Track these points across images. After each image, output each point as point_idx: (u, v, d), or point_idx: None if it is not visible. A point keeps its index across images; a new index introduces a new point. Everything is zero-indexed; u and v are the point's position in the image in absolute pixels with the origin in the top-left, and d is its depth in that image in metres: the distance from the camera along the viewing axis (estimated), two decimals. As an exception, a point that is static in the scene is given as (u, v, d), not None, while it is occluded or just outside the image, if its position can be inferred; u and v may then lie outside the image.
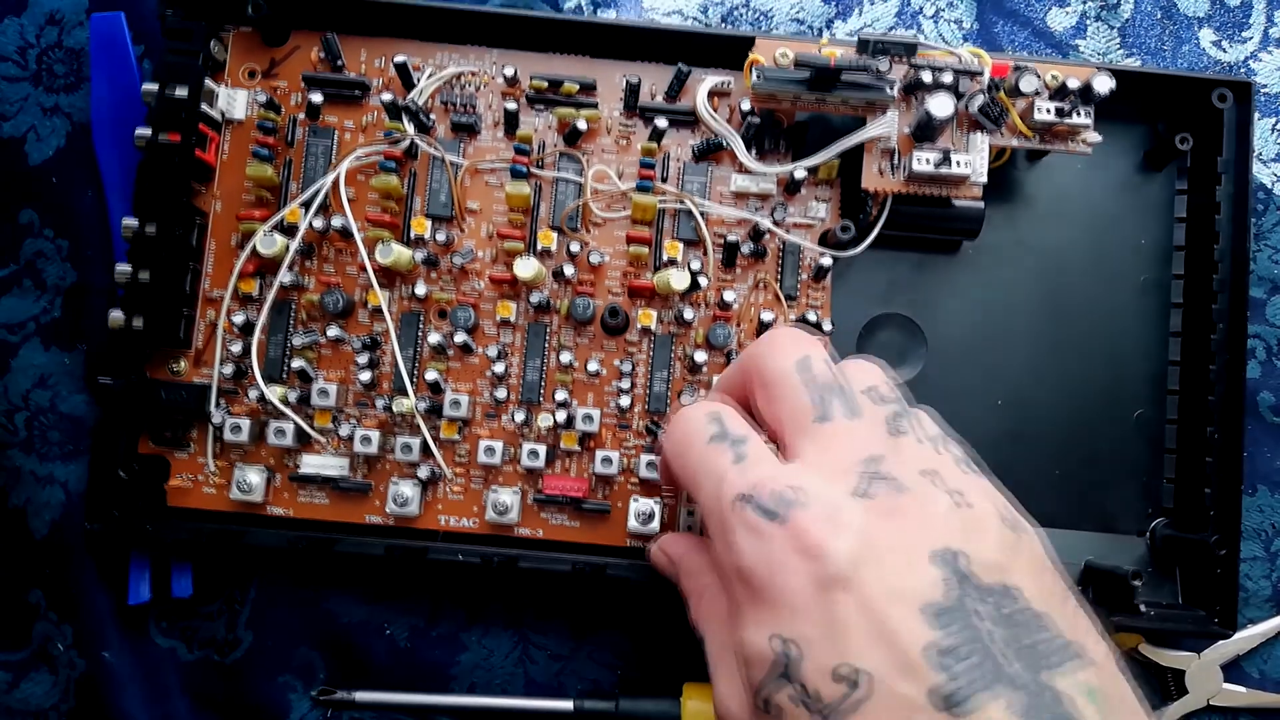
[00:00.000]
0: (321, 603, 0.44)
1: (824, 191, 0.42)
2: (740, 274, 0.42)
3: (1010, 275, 0.44)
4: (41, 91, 0.44)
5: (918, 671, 0.23)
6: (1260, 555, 0.45)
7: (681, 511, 0.40)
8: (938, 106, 0.38)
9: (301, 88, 0.42)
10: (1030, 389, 0.43)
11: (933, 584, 0.24)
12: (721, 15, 0.46)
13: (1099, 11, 0.47)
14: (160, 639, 0.44)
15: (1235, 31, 0.46)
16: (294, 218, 0.39)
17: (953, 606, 0.24)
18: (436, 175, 0.42)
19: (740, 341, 0.41)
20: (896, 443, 0.28)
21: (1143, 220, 0.44)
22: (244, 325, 0.40)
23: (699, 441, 0.30)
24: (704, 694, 0.40)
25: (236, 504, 0.41)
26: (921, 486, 0.27)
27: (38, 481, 0.44)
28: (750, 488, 0.27)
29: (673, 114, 0.42)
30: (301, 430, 0.40)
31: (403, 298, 0.42)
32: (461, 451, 0.41)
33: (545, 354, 0.41)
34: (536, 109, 0.42)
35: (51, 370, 0.44)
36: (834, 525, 0.25)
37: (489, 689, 0.44)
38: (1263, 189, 0.45)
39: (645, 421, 0.41)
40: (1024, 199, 0.44)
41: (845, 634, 0.24)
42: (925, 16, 0.46)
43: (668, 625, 0.44)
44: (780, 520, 0.26)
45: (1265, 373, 0.45)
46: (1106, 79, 0.38)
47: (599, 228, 0.42)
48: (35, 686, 0.44)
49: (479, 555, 0.40)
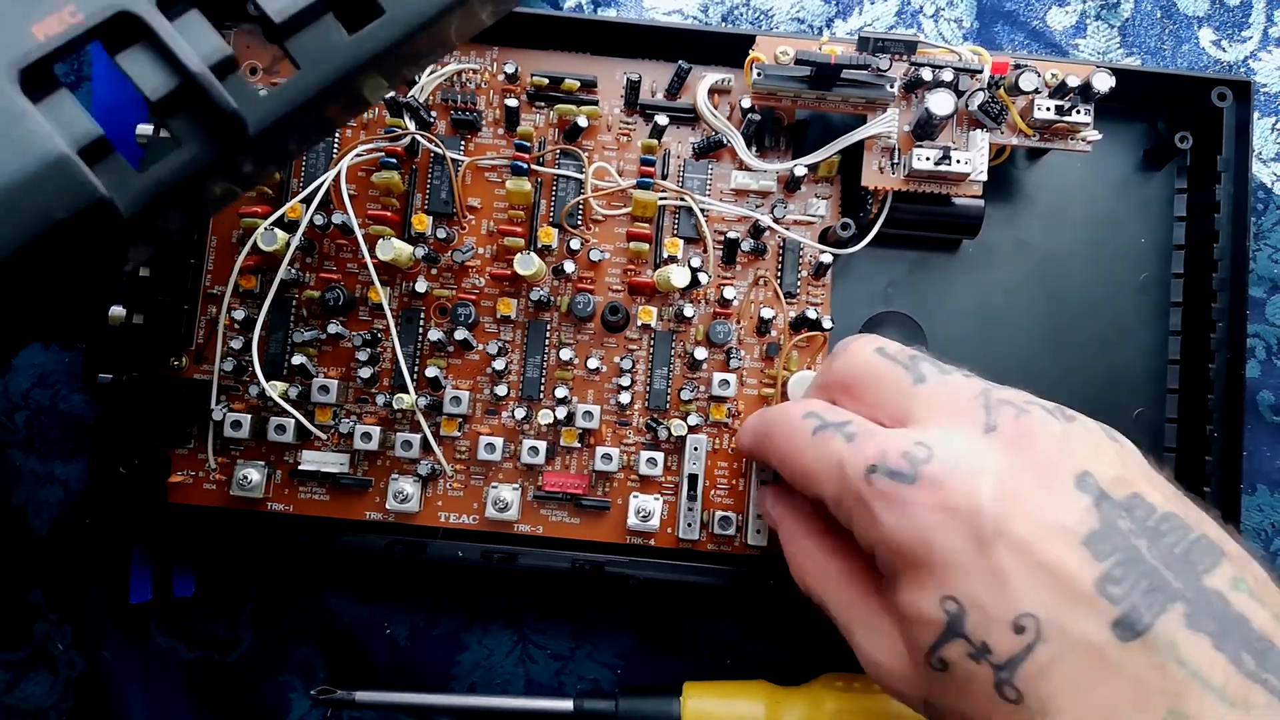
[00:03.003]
0: (321, 602, 0.44)
1: (824, 189, 0.42)
2: (740, 271, 0.42)
3: (1010, 274, 0.44)
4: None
5: (1094, 606, 0.23)
6: (1260, 555, 0.44)
7: (682, 510, 0.40)
8: (938, 104, 0.38)
9: (303, 85, 0.42)
10: (1030, 387, 0.42)
11: (1084, 512, 0.25)
12: (722, 14, 0.46)
13: (1099, 10, 0.47)
14: (160, 638, 0.44)
15: (1235, 31, 0.47)
16: (295, 214, 0.40)
17: (1105, 530, 0.24)
18: (437, 172, 0.42)
19: (740, 338, 0.41)
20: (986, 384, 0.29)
21: (1142, 219, 0.44)
22: (244, 321, 0.40)
23: (805, 436, 0.30)
24: (704, 693, 0.40)
25: (237, 500, 0.41)
26: (1033, 406, 0.27)
27: (38, 480, 0.44)
28: (876, 457, 0.27)
29: (673, 111, 0.42)
30: (302, 426, 0.40)
31: (403, 294, 0.42)
32: (461, 448, 0.41)
33: (545, 350, 0.41)
34: (537, 106, 0.42)
35: (51, 369, 0.44)
36: (971, 473, 0.25)
37: (489, 689, 0.44)
38: (1262, 188, 0.46)
39: (645, 418, 0.41)
40: (1024, 197, 0.44)
41: (1011, 582, 0.24)
42: (925, 15, 0.47)
43: (668, 625, 0.44)
44: (914, 481, 0.26)
45: (1265, 372, 0.45)
46: (1106, 77, 0.38)
47: (599, 225, 0.42)
48: (35, 686, 0.44)
49: (479, 552, 0.40)
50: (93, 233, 0.23)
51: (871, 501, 0.27)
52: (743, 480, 0.41)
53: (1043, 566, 0.24)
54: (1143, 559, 0.24)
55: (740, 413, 0.41)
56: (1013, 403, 0.27)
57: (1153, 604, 0.23)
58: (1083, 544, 0.24)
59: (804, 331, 0.41)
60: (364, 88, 0.27)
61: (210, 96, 0.24)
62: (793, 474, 0.31)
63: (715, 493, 0.41)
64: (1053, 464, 0.26)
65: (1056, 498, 0.25)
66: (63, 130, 0.23)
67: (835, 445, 0.29)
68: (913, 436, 0.27)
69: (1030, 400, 0.28)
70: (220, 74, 0.24)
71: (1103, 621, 0.23)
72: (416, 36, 0.27)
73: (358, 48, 0.26)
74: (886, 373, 0.30)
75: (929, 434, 0.27)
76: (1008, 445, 0.26)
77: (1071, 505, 0.25)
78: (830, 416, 0.30)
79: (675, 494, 0.41)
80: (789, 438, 0.31)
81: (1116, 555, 0.24)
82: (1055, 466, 0.26)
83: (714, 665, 0.44)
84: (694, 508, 0.40)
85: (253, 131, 0.25)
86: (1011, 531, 0.25)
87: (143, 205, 0.24)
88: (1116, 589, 0.24)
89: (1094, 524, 0.24)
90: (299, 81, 0.26)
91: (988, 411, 0.27)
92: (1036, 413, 0.27)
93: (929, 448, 0.26)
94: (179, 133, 0.25)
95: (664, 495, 0.41)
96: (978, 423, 0.27)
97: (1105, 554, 0.24)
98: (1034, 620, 0.24)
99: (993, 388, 0.28)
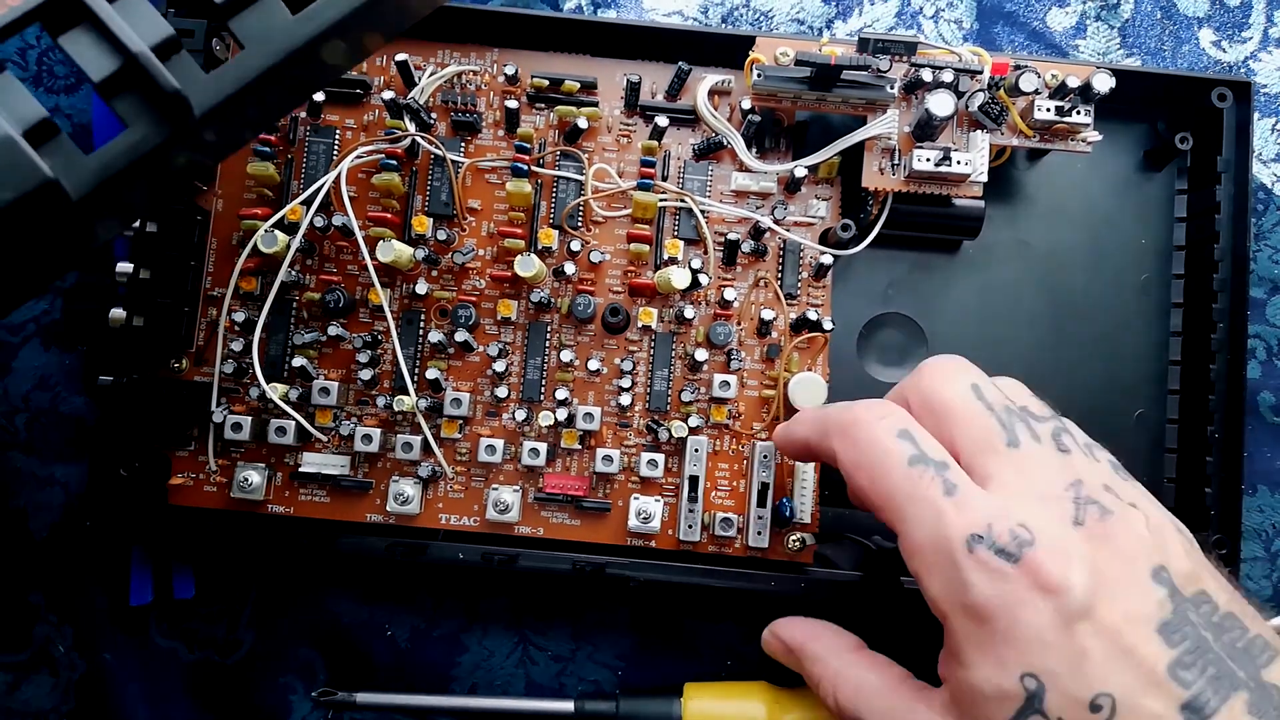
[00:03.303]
0: (322, 604, 0.44)
1: (824, 190, 0.42)
2: (741, 272, 0.42)
3: (1010, 275, 0.44)
4: (42, 92, 0.44)
5: (1164, 688, 0.25)
6: (1260, 555, 0.44)
7: (682, 512, 0.40)
8: (938, 105, 0.38)
9: (303, 87, 0.42)
10: (1030, 388, 0.43)
11: (1159, 603, 0.26)
12: (722, 15, 0.46)
13: (1099, 11, 0.47)
14: (161, 640, 0.44)
15: (1235, 31, 0.47)
16: (295, 216, 0.40)
17: (1177, 621, 0.26)
18: (437, 174, 0.42)
19: (741, 340, 0.41)
20: (1070, 461, 0.29)
21: (1143, 220, 0.44)
22: (245, 323, 0.40)
23: (898, 463, 0.29)
24: (705, 695, 0.40)
25: (237, 502, 0.41)
26: (1118, 507, 0.28)
27: (38, 483, 0.44)
28: (983, 528, 0.27)
29: (673, 113, 0.42)
30: (302, 429, 0.40)
31: (403, 296, 0.42)
32: (462, 450, 0.41)
33: (546, 352, 0.41)
34: (537, 107, 0.42)
35: (52, 371, 0.44)
36: (1067, 560, 0.27)
37: (490, 690, 0.44)
38: (1263, 189, 0.46)
39: (646, 420, 0.41)
40: (1024, 198, 0.44)
41: (1091, 663, 0.26)
42: (925, 16, 0.47)
43: (668, 626, 0.44)
44: (1017, 560, 0.27)
45: (1265, 373, 0.45)
46: (1106, 78, 0.38)
47: (600, 226, 0.42)
48: (36, 688, 0.44)
49: (479, 554, 0.40)
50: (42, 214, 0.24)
51: (967, 570, 0.27)
52: (743, 482, 0.41)
53: (1121, 649, 0.26)
54: (1210, 648, 0.26)
55: (741, 414, 0.41)
56: (1099, 503, 0.28)
57: (1219, 690, 0.25)
58: (1157, 631, 0.26)
59: (804, 333, 0.41)
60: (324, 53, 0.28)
61: (153, 77, 0.24)
62: (868, 489, 0.30)
63: (716, 494, 0.41)
64: (1133, 558, 0.27)
65: (1136, 588, 0.27)
66: (7, 113, 0.23)
67: (934, 493, 0.29)
68: (1018, 515, 0.28)
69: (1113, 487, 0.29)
70: (163, 55, 0.24)
71: (1172, 704, 0.25)
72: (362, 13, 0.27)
73: (302, 26, 0.26)
74: (981, 420, 0.30)
75: (1029, 514, 0.28)
76: (1093, 539, 0.27)
77: (1148, 596, 0.27)
78: (928, 450, 0.30)
79: (676, 496, 0.41)
80: (878, 454, 0.30)
81: (1187, 643, 0.26)
82: (1135, 560, 0.27)
83: (714, 666, 0.44)
84: (695, 509, 0.40)
85: (198, 112, 0.25)
86: (1095, 615, 0.26)
87: (92, 187, 0.24)
88: (1187, 674, 0.25)
89: (1167, 614, 0.26)
90: (244, 61, 0.26)
91: (1076, 507, 0.28)
92: (1119, 513, 0.28)
93: (1031, 532, 0.27)
94: (125, 114, 0.25)
95: (665, 497, 0.41)
96: (1067, 514, 0.28)
97: (1177, 642, 0.26)
98: (1110, 699, 0.25)
99: (1080, 480, 0.29)
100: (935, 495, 0.28)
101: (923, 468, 0.29)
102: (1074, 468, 0.29)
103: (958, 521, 0.28)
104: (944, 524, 0.28)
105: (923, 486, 0.29)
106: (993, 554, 0.27)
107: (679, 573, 0.40)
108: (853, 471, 0.31)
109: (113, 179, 0.25)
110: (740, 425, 0.41)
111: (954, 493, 0.28)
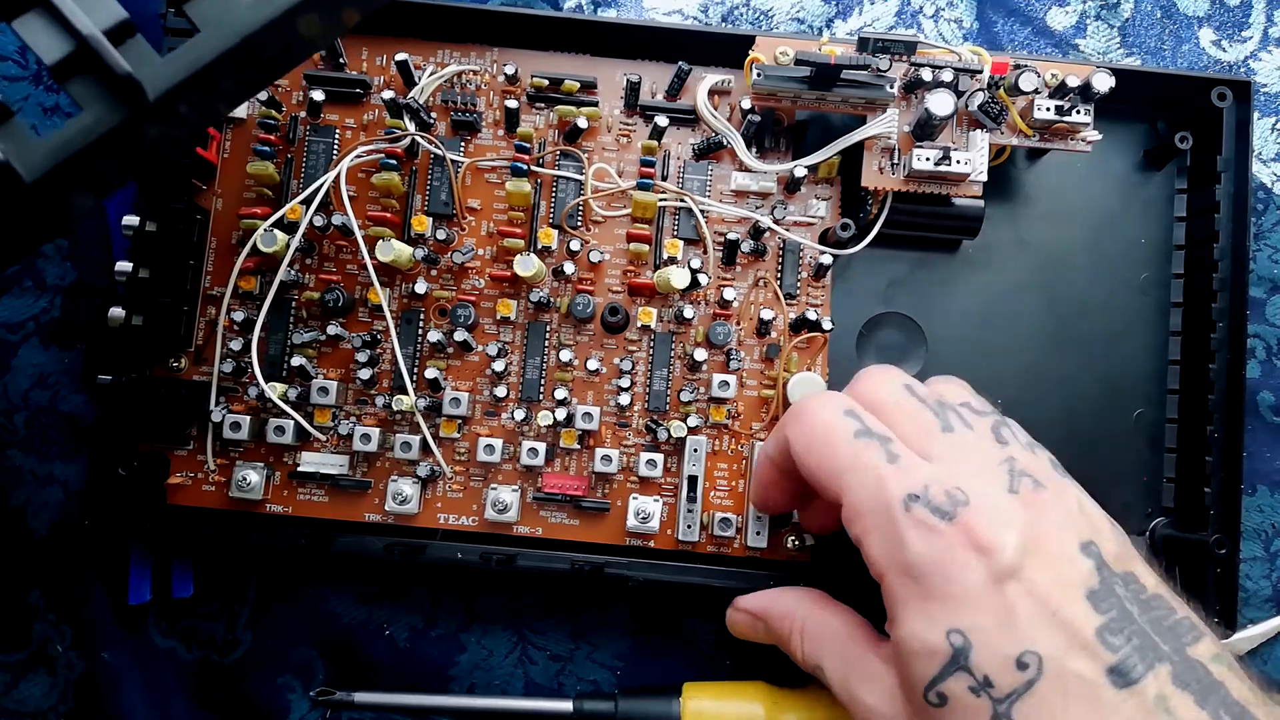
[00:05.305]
0: (321, 603, 0.44)
1: (824, 190, 0.42)
2: (740, 272, 0.42)
3: (1010, 274, 0.44)
4: (41, 91, 0.44)
5: (1091, 650, 0.26)
6: (1260, 555, 0.44)
7: (681, 512, 0.40)
8: (938, 104, 0.38)
9: (303, 86, 0.42)
10: (1030, 388, 0.43)
11: (1088, 573, 0.27)
12: (722, 14, 0.46)
13: (1099, 11, 0.47)
14: (159, 639, 0.44)
15: (1235, 31, 0.47)
16: (295, 215, 0.39)
17: (1104, 591, 0.27)
18: (437, 173, 0.42)
19: (740, 340, 0.41)
20: (1007, 449, 0.30)
21: (1143, 219, 0.44)
22: (244, 323, 0.40)
23: (843, 436, 0.31)
24: (704, 694, 0.40)
25: (236, 501, 0.41)
26: (1051, 482, 0.29)
27: (37, 481, 0.44)
28: (920, 487, 0.28)
29: (673, 112, 0.42)
30: (301, 428, 0.40)
31: (403, 295, 0.42)
32: (461, 449, 0.41)
33: (545, 352, 0.41)
34: (537, 107, 0.42)
35: (51, 370, 0.44)
36: (1000, 521, 0.28)
37: (488, 689, 0.44)
38: (1262, 188, 0.45)
39: (645, 420, 0.41)
40: (1024, 198, 0.44)
41: (1019, 622, 0.26)
42: (925, 16, 0.46)
43: (667, 626, 0.44)
44: (951, 518, 0.28)
45: (1265, 372, 0.45)
46: (1106, 77, 0.38)
47: (599, 225, 0.42)
48: (34, 687, 0.44)
49: (478, 553, 0.40)
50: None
51: (904, 528, 0.28)
52: (742, 482, 0.41)
53: (1049, 610, 0.26)
54: (1136, 621, 0.27)
55: (740, 414, 0.41)
56: (1031, 475, 0.29)
57: (1145, 658, 0.26)
58: (1085, 598, 0.27)
59: (804, 333, 0.41)
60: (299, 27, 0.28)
61: (105, 61, 0.24)
62: (816, 466, 0.31)
63: (715, 494, 0.41)
64: (1063, 528, 0.28)
65: (1065, 555, 0.28)
66: None
67: (875, 460, 0.30)
68: (955, 479, 0.29)
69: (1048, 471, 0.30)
70: (116, 39, 0.24)
71: (1099, 666, 0.26)
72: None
73: (259, 10, 0.26)
74: (916, 412, 0.32)
75: (965, 480, 0.29)
76: (1027, 506, 0.28)
77: (1077, 564, 0.27)
78: (872, 426, 0.31)
79: (675, 495, 0.41)
80: (825, 430, 0.31)
81: (1114, 613, 0.27)
82: (1065, 530, 0.28)
83: (714, 666, 0.44)
84: (693, 509, 0.40)
85: (153, 96, 0.25)
86: (1024, 575, 0.27)
87: (45, 170, 0.24)
88: (1114, 639, 0.26)
89: (1094, 584, 0.27)
90: (199, 45, 0.26)
91: (1011, 477, 0.29)
92: (1052, 487, 0.29)
93: (967, 494, 0.28)
94: (79, 98, 0.25)
95: (663, 497, 0.41)
96: (1002, 483, 0.29)
97: (1104, 610, 0.27)
98: (1036, 658, 0.26)
99: (1014, 456, 0.30)
100: (878, 462, 0.30)
101: (867, 439, 0.30)
102: (1009, 451, 0.30)
103: (900, 484, 0.29)
104: (884, 486, 0.29)
105: (866, 455, 0.30)
106: (929, 511, 0.28)
107: (678, 573, 0.40)
108: (803, 454, 0.32)
109: (68, 162, 0.25)
110: (739, 425, 0.41)
111: (896, 461, 0.30)
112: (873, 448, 0.30)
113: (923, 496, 0.28)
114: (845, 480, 0.30)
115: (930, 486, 0.29)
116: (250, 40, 0.26)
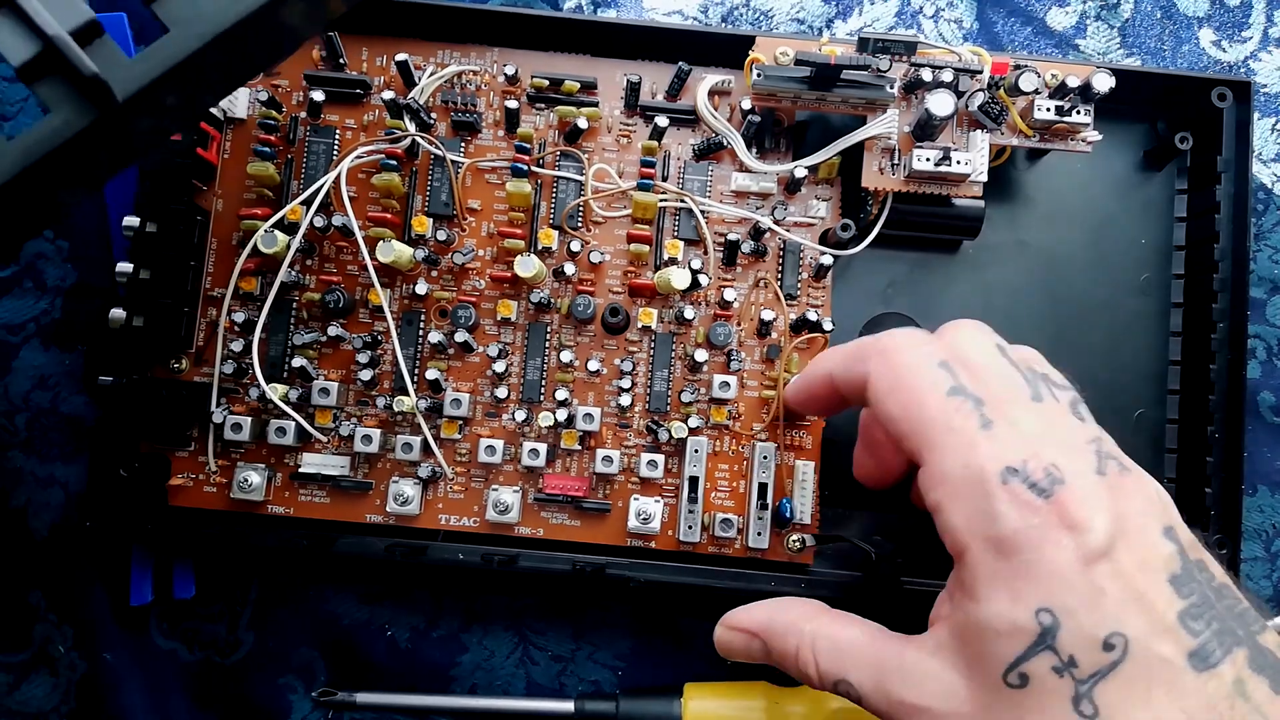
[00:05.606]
0: (322, 604, 0.44)
1: (824, 190, 0.42)
2: (741, 273, 0.42)
3: (1010, 274, 0.44)
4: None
5: (1174, 634, 0.26)
6: (1260, 555, 0.44)
7: (682, 512, 0.40)
8: (938, 105, 0.38)
9: (303, 86, 0.42)
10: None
11: (1170, 557, 0.27)
12: (722, 15, 0.46)
13: (1099, 11, 0.47)
14: (161, 640, 0.44)
15: (1235, 31, 0.47)
16: (295, 216, 0.39)
17: (1185, 576, 0.27)
18: (437, 174, 0.42)
19: (741, 340, 0.41)
20: (1088, 425, 0.30)
21: (1143, 219, 0.44)
22: (245, 324, 0.40)
23: (937, 391, 0.30)
24: (705, 694, 0.40)
25: (237, 503, 0.41)
26: (1134, 467, 0.29)
27: (38, 482, 0.44)
28: (1019, 462, 0.28)
29: (673, 113, 0.42)
30: (302, 429, 0.40)
31: (403, 296, 0.42)
32: (462, 450, 0.41)
33: (546, 353, 0.41)
34: (537, 107, 0.42)
35: (52, 371, 0.44)
36: (1093, 502, 0.27)
37: (490, 690, 0.44)
38: (1263, 189, 0.46)
39: (646, 421, 0.41)
40: (1024, 198, 0.44)
41: (1108, 603, 0.26)
42: (925, 16, 0.46)
43: (668, 626, 0.44)
44: (1049, 496, 0.27)
45: (1265, 373, 0.45)
46: (1106, 77, 0.38)
47: (599, 226, 0.42)
48: (36, 688, 0.44)
49: (479, 554, 0.40)
50: None
51: (999, 502, 0.27)
52: (743, 483, 0.41)
53: (1135, 592, 0.26)
54: (1214, 606, 0.27)
55: (741, 415, 0.41)
56: (1117, 459, 0.29)
57: (1223, 643, 0.26)
58: (1169, 582, 0.27)
59: (804, 333, 0.41)
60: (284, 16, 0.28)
61: (71, 62, 0.24)
62: (900, 414, 0.30)
63: (716, 495, 0.41)
64: (1147, 513, 0.28)
65: (1150, 540, 0.27)
66: None
67: (970, 424, 0.29)
68: (1051, 454, 0.28)
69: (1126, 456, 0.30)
70: (83, 40, 0.24)
71: (1181, 650, 0.26)
72: None
73: (229, 9, 0.26)
74: (1008, 376, 0.30)
75: (1058, 457, 0.28)
76: (1113, 489, 0.28)
77: (1161, 549, 0.27)
78: (967, 383, 0.30)
79: (676, 496, 0.41)
80: (916, 379, 0.30)
81: (1195, 597, 0.27)
82: (1149, 515, 0.28)
83: (714, 667, 0.44)
84: (694, 510, 0.40)
85: (121, 98, 0.25)
86: (1114, 557, 0.27)
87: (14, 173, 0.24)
88: (1195, 624, 0.26)
89: (1177, 568, 0.27)
90: (168, 45, 0.26)
91: (1099, 459, 0.29)
92: (1136, 472, 0.29)
93: (1062, 473, 0.28)
94: (47, 99, 0.25)
95: (664, 497, 0.41)
96: (1091, 464, 0.28)
97: (1186, 594, 0.27)
98: (1123, 639, 0.26)
99: (1100, 437, 0.30)
100: (971, 427, 0.29)
101: (961, 399, 0.29)
102: (1094, 431, 0.30)
103: (993, 454, 0.28)
104: (978, 455, 0.28)
105: (960, 417, 0.29)
106: (1026, 488, 0.27)
107: (679, 573, 0.40)
108: (885, 396, 0.31)
109: (37, 164, 0.25)
110: (740, 426, 0.41)
111: (990, 427, 0.29)
112: (965, 409, 0.29)
113: (1021, 471, 0.27)
114: (933, 438, 0.29)
115: (1029, 462, 0.28)
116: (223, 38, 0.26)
